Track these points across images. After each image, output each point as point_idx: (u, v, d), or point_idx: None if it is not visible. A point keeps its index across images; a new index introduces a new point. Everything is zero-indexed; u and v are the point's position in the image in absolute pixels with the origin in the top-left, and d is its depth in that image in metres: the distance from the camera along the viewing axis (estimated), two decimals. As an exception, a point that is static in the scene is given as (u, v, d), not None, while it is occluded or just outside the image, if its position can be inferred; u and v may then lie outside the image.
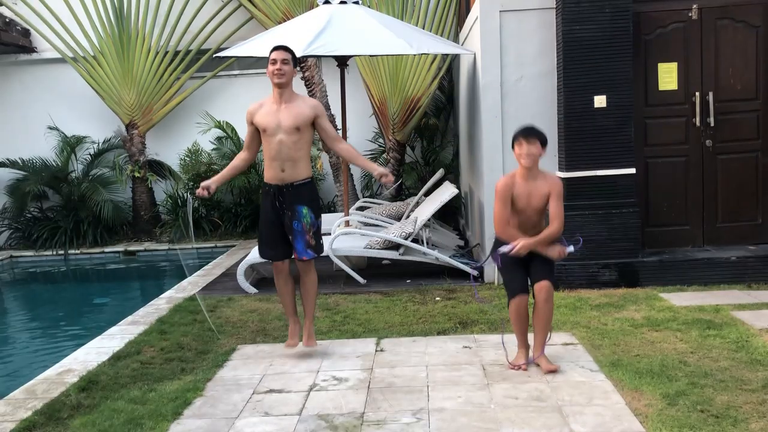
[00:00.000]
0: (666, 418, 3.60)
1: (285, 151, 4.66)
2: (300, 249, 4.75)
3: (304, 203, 4.73)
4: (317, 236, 4.82)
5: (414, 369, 4.54)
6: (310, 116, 4.70)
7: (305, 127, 4.69)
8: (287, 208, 4.72)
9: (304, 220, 4.72)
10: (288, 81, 4.68)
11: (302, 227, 4.72)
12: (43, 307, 8.82)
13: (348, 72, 8.01)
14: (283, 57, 4.65)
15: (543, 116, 6.68)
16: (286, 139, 4.64)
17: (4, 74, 11.99)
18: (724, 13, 6.50)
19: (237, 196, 11.43)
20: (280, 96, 4.69)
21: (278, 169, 4.70)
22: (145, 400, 4.20)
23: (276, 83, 4.65)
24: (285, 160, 4.68)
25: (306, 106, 4.73)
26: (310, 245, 4.76)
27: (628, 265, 6.32)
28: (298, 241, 4.74)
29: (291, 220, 4.72)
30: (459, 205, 9.96)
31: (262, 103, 4.78)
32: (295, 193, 4.72)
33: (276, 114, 4.67)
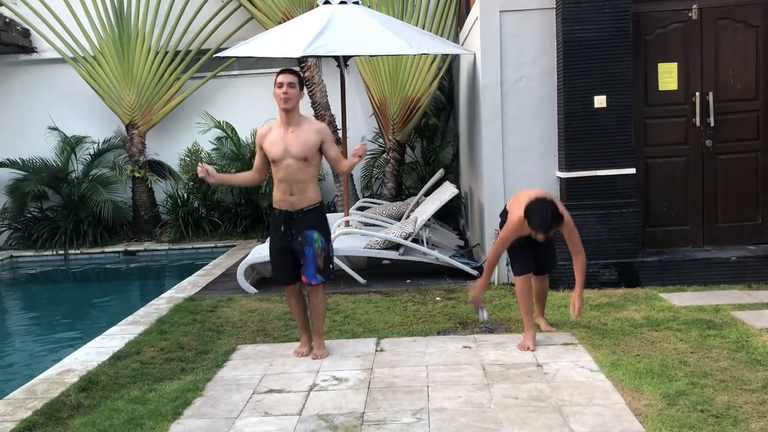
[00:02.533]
0: (666, 418, 3.60)
1: (293, 174, 4.67)
2: (310, 274, 4.74)
3: (315, 228, 4.73)
4: (327, 261, 4.82)
5: (414, 369, 4.54)
6: (317, 142, 4.71)
7: (312, 155, 4.71)
8: (297, 233, 4.72)
9: (315, 245, 4.71)
10: (295, 104, 4.67)
11: (314, 252, 4.71)
12: (43, 307, 8.81)
13: (348, 72, 8.01)
14: (290, 80, 4.64)
15: (543, 116, 6.69)
16: (294, 165, 4.66)
17: (4, 74, 11.99)
18: (724, 13, 6.51)
19: (237, 196, 11.43)
20: (287, 120, 4.69)
21: (287, 192, 4.71)
22: (145, 400, 4.20)
23: (283, 108, 4.65)
24: (293, 184, 4.69)
25: (312, 131, 4.72)
26: (320, 270, 4.76)
27: (628, 265, 6.32)
28: (309, 266, 4.73)
29: (302, 245, 4.71)
30: (459, 205, 9.96)
31: (270, 126, 4.78)
32: (305, 219, 4.72)
33: (284, 139, 4.67)
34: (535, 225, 4.45)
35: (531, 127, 6.72)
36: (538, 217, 4.44)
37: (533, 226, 4.47)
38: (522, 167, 6.74)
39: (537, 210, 4.46)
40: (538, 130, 6.71)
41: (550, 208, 4.46)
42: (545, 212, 4.44)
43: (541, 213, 4.44)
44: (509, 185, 6.76)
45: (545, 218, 4.43)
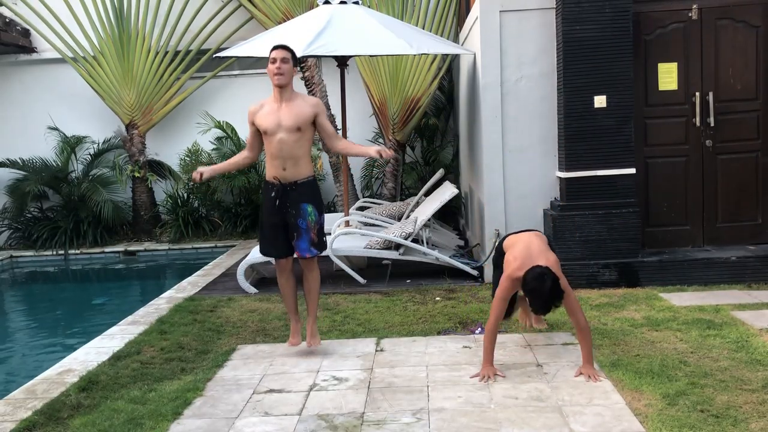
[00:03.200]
0: (666, 418, 3.60)
1: (286, 149, 4.66)
2: (304, 247, 4.74)
3: (309, 201, 4.73)
4: (321, 234, 4.82)
5: (414, 369, 4.54)
6: (311, 115, 4.70)
7: (306, 127, 4.69)
8: (291, 206, 4.72)
9: (309, 218, 4.72)
10: (288, 80, 4.67)
11: (307, 225, 4.72)
12: (43, 307, 8.82)
13: (348, 72, 8.01)
14: (283, 56, 4.64)
15: (543, 116, 6.69)
16: (287, 138, 4.64)
17: (4, 74, 11.99)
18: (724, 13, 6.50)
19: (237, 196, 11.43)
20: (280, 95, 4.68)
21: (280, 167, 4.69)
22: (145, 400, 4.20)
23: (276, 83, 4.65)
24: (286, 159, 4.68)
25: (306, 104, 4.72)
26: (314, 243, 4.76)
27: (628, 265, 6.32)
28: (303, 239, 4.73)
29: (296, 218, 4.71)
30: (459, 205, 9.96)
31: (262, 103, 4.78)
32: (299, 192, 4.72)
33: (276, 113, 4.66)
34: (535, 305, 4.16)
35: (531, 127, 6.72)
36: (539, 297, 4.11)
37: (533, 306, 4.19)
38: (522, 167, 6.74)
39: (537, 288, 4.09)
40: (538, 130, 6.71)
41: (551, 284, 4.07)
42: (545, 291, 4.06)
43: (541, 292, 4.08)
44: (509, 185, 6.76)
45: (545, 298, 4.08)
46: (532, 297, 4.14)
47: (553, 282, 4.09)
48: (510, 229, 6.78)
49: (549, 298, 4.07)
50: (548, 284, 4.06)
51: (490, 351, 4.37)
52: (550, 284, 4.07)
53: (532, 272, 4.15)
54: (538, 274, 4.11)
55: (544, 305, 4.12)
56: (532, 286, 4.11)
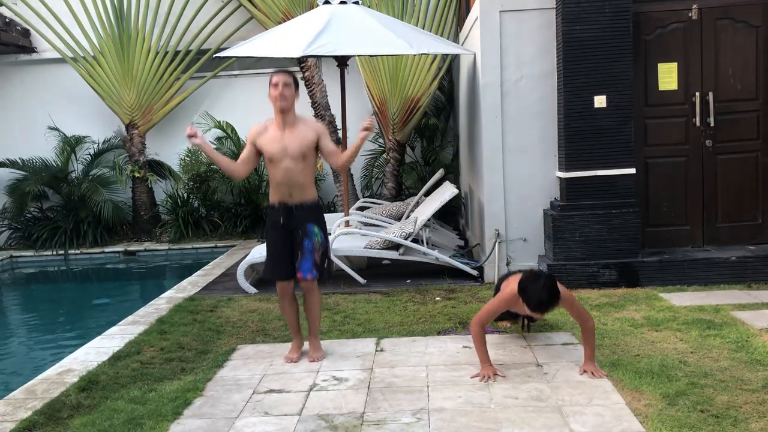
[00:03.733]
0: (666, 418, 3.60)
1: (292, 177, 4.66)
2: (306, 267, 4.72)
3: (315, 222, 4.74)
4: (324, 257, 4.81)
5: (414, 369, 4.54)
6: (314, 140, 4.70)
7: (310, 152, 4.70)
8: (298, 226, 4.72)
9: (315, 238, 4.72)
10: (290, 105, 4.66)
11: (313, 245, 4.72)
12: (43, 307, 8.82)
13: (348, 72, 8.01)
14: (285, 81, 4.63)
15: (543, 116, 6.69)
16: (293, 166, 4.64)
17: (4, 74, 11.99)
18: (724, 13, 6.50)
19: (237, 196, 11.43)
20: (283, 121, 4.68)
21: (286, 194, 4.70)
22: (145, 400, 4.20)
23: (279, 108, 4.64)
24: (292, 186, 4.68)
25: (309, 130, 4.72)
26: (317, 265, 4.75)
27: (628, 265, 6.32)
28: (306, 260, 4.72)
29: (302, 238, 4.71)
30: (459, 205, 9.97)
31: (266, 126, 4.76)
32: (305, 213, 4.72)
33: (281, 140, 4.66)
34: (533, 302, 4.05)
35: (531, 127, 6.72)
36: (536, 294, 4.03)
37: (530, 304, 4.07)
38: (522, 167, 6.74)
39: (534, 285, 4.05)
40: (538, 130, 6.71)
41: (548, 283, 4.04)
42: (543, 288, 4.02)
43: (538, 289, 4.03)
44: (509, 185, 6.76)
45: (543, 295, 4.02)
46: (528, 294, 4.07)
47: (551, 279, 4.07)
48: (510, 229, 6.80)
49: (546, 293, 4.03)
50: (545, 281, 4.06)
51: (484, 352, 4.37)
52: (548, 281, 4.06)
53: (528, 274, 4.15)
54: (533, 272, 4.14)
55: (541, 301, 4.05)
56: (528, 282, 4.08)
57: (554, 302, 4.07)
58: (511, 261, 6.83)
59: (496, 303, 4.42)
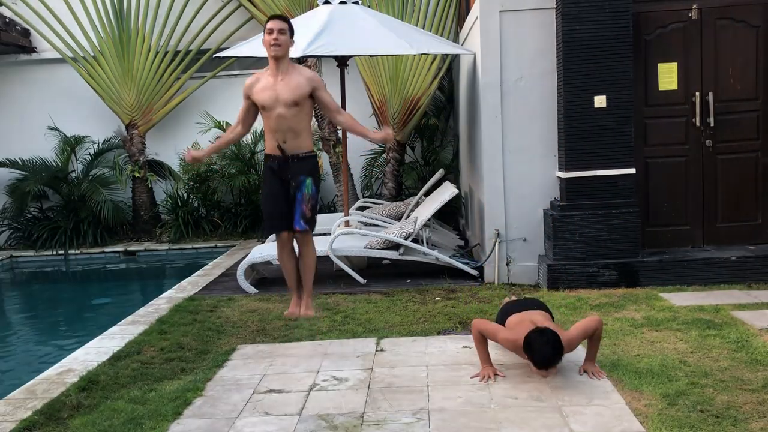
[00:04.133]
0: (666, 418, 3.60)
1: (285, 123, 4.57)
2: (295, 218, 4.67)
3: (308, 174, 4.68)
4: (314, 210, 4.75)
5: (414, 369, 4.54)
6: (308, 89, 4.58)
7: (304, 101, 4.59)
8: (292, 178, 4.67)
9: (306, 190, 4.65)
10: (285, 51, 4.55)
11: (302, 197, 4.65)
12: (43, 307, 8.82)
13: (348, 72, 8.01)
14: (280, 26, 4.51)
15: (543, 116, 6.69)
16: (286, 113, 4.55)
17: (4, 74, 11.99)
18: (724, 13, 6.50)
19: (237, 196, 11.43)
20: (276, 68, 4.57)
21: (281, 140, 4.61)
22: (145, 400, 4.20)
23: (272, 54, 4.52)
24: (286, 132, 4.59)
25: (303, 78, 4.60)
26: (305, 216, 4.68)
27: (628, 265, 6.32)
28: (296, 210, 4.67)
29: (295, 190, 4.67)
30: (459, 205, 9.97)
31: (258, 76, 4.66)
32: (300, 165, 4.66)
33: (273, 88, 4.55)
34: (537, 362, 4.00)
35: (531, 127, 6.72)
36: (541, 355, 3.97)
37: (536, 364, 4.02)
38: (522, 167, 6.74)
39: (539, 344, 3.97)
40: (538, 130, 6.71)
41: (552, 341, 3.97)
42: (547, 347, 3.95)
43: (543, 349, 3.96)
44: (509, 185, 6.76)
45: (548, 355, 3.96)
46: (533, 354, 4.00)
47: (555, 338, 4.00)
48: (510, 229, 6.79)
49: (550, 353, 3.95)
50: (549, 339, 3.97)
51: (485, 352, 4.37)
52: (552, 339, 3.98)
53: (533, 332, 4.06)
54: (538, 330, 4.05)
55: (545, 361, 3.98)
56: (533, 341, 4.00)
57: (559, 357, 4.01)
58: (511, 261, 6.83)
59: (500, 337, 4.31)
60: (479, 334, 4.33)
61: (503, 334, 4.33)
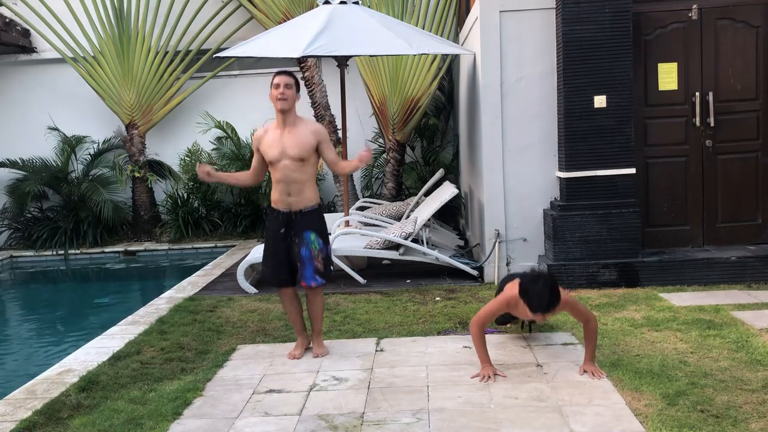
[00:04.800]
0: (666, 418, 3.60)
1: (290, 175, 4.67)
2: (308, 275, 4.72)
3: (312, 229, 4.73)
4: (327, 263, 4.81)
5: (414, 369, 4.54)
6: (314, 144, 4.71)
7: (309, 155, 4.71)
8: (295, 234, 4.72)
9: (312, 246, 4.71)
10: (291, 105, 4.68)
11: (310, 254, 4.71)
12: (43, 307, 8.82)
13: (348, 72, 8.01)
14: (286, 81, 4.66)
15: (543, 116, 6.69)
16: (291, 165, 4.66)
17: (4, 74, 11.99)
18: (724, 13, 6.51)
19: (237, 196, 11.43)
20: (283, 121, 4.70)
21: (284, 192, 4.70)
22: (145, 400, 4.20)
23: (279, 108, 4.66)
24: (290, 184, 4.69)
25: (309, 132, 4.71)
26: (319, 271, 4.75)
27: (628, 265, 6.32)
28: (307, 268, 4.72)
29: (299, 246, 4.71)
30: (459, 205, 9.97)
31: (267, 128, 4.79)
32: (303, 220, 4.73)
33: (280, 141, 4.67)
34: (534, 303, 3.97)
35: (531, 127, 6.72)
36: (537, 295, 3.95)
37: (532, 305, 3.98)
38: (522, 167, 6.74)
39: (535, 286, 3.97)
40: (538, 130, 6.71)
41: (549, 284, 3.96)
42: (544, 289, 3.94)
43: (539, 290, 3.95)
44: (509, 185, 6.76)
45: (544, 296, 3.94)
46: (530, 295, 4.00)
47: (552, 280, 4.03)
48: (510, 229, 6.80)
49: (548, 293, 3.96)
50: (547, 281, 4.00)
51: (484, 352, 4.37)
52: (549, 281, 4.01)
53: (529, 275, 4.11)
54: (534, 275, 4.09)
55: (542, 302, 3.97)
56: (530, 283, 4.02)
57: (555, 303, 4.01)
58: (511, 261, 6.83)
59: (496, 304, 4.40)
60: (478, 332, 4.34)
61: (497, 300, 4.35)
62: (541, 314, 4.03)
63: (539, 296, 3.97)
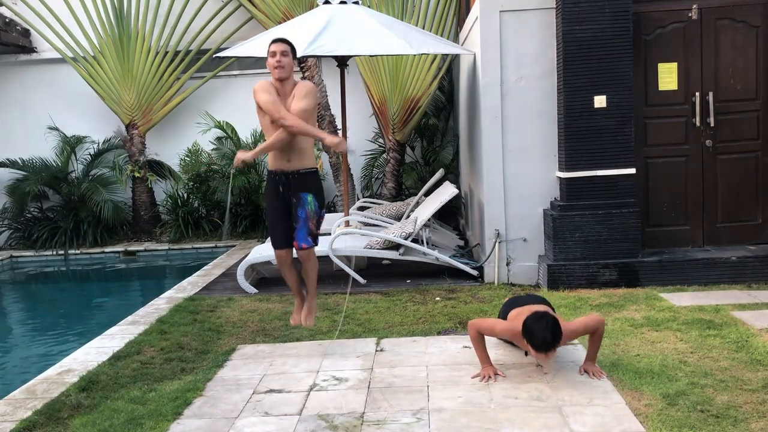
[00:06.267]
0: (666, 418, 3.60)
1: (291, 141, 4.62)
2: (301, 236, 4.71)
3: (309, 191, 4.72)
4: (318, 226, 4.80)
5: (414, 369, 4.54)
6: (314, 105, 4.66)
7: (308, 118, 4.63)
8: (293, 195, 4.71)
9: (308, 207, 4.70)
10: (288, 73, 4.65)
11: (306, 214, 4.70)
12: (43, 307, 8.82)
13: (348, 72, 8.01)
14: (283, 49, 4.61)
15: (543, 116, 6.69)
16: None
17: (4, 74, 11.99)
18: (724, 13, 6.51)
19: (237, 196, 11.43)
20: (282, 89, 4.66)
21: (283, 158, 4.68)
22: (145, 400, 4.20)
23: (276, 77, 4.62)
24: (290, 152, 4.66)
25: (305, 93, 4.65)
26: (312, 233, 4.74)
27: (628, 265, 6.32)
28: (300, 228, 4.71)
29: (296, 207, 4.71)
30: (459, 205, 9.96)
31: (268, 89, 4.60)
32: (301, 181, 4.70)
33: None
34: (536, 345, 3.98)
35: (531, 127, 6.72)
36: (540, 337, 3.96)
37: (535, 347, 4.00)
38: (522, 167, 6.74)
39: (537, 327, 3.98)
40: (538, 130, 6.71)
41: (551, 325, 3.97)
42: (546, 330, 3.95)
43: (542, 331, 3.96)
44: (509, 185, 6.76)
45: (547, 337, 3.95)
46: (532, 337, 4.00)
47: (554, 321, 4.01)
48: (510, 229, 6.79)
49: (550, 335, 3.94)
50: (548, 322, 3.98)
51: (484, 352, 4.37)
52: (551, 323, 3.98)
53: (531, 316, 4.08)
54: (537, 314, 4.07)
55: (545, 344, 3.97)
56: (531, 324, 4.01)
57: (557, 341, 4.01)
58: (511, 261, 6.83)
59: (500, 329, 4.37)
60: (476, 334, 4.34)
61: (501, 326, 4.36)
62: (544, 353, 4.01)
63: (542, 335, 3.96)
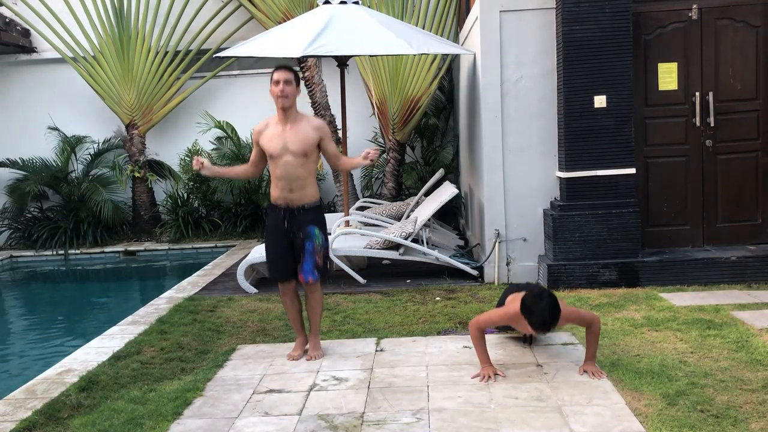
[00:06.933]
0: (666, 418, 3.60)
1: (292, 171, 4.65)
2: (308, 269, 4.72)
3: (316, 224, 4.74)
4: (325, 259, 4.82)
5: (414, 369, 4.54)
6: (316, 140, 4.69)
7: (311, 151, 4.69)
8: (299, 228, 4.71)
9: (316, 241, 4.71)
10: (292, 102, 4.65)
11: (314, 248, 4.71)
12: (42, 307, 8.82)
13: (348, 72, 8.01)
14: (286, 77, 4.61)
15: (543, 116, 6.69)
16: (293, 161, 4.64)
17: (4, 74, 11.99)
18: (724, 13, 6.51)
19: (237, 196, 11.43)
20: (285, 118, 4.67)
21: (286, 189, 4.69)
22: (145, 400, 4.20)
23: (280, 105, 4.63)
24: (292, 181, 4.67)
25: (311, 128, 4.70)
26: (318, 266, 4.75)
27: (628, 265, 6.32)
28: (307, 261, 4.72)
29: (303, 240, 4.71)
30: (459, 205, 9.97)
31: (267, 123, 4.75)
32: (306, 215, 4.72)
33: (282, 136, 4.65)
34: (535, 321, 4.02)
35: (531, 127, 6.72)
36: (539, 314, 4.00)
37: (534, 324, 4.05)
38: (522, 167, 6.74)
39: (537, 304, 4.01)
40: (538, 130, 6.71)
41: (550, 302, 4.01)
42: (546, 306, 3.99)
43: (541, 307, 4.00)
44: (509, 185, 6.76)
45: (546, 313, 3.99)
46: (531, 314, 4.03)
47: (552, 298, 4.03)
48: (510, 229, 6.79)
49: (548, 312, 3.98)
50: (547, 300, 4.01)
51: (484, 352, 4.37)
52: (550, 300, 4.01)
53: (530, 294, 4.11)
54: (537, 293, 4.09)
55: (543, 321, 4.01)
56: (531, 302, 4.05)
57: (556, 320, 4.04)
58: (511, 261, 6.83)
59: (497, 316, 4.42)
60: (478, 332, 4.34)
61: (498, 312, 4.40)
62: (543, 331, 4.09)
63: (541, 314, 4.01)
